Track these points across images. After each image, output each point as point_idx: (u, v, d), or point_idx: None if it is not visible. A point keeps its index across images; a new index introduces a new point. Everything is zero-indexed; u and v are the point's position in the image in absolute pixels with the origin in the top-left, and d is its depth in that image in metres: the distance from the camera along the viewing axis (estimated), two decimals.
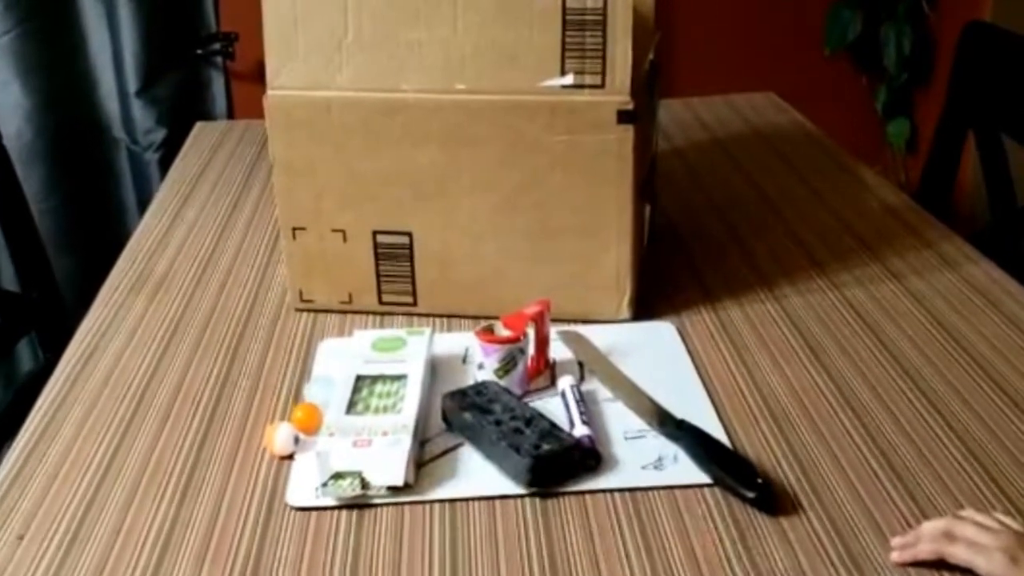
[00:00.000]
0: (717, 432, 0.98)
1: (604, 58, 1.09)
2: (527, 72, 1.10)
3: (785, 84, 2.10)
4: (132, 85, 2.21)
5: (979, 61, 1.65)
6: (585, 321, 1.18)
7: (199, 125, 1.92)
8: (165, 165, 2.06)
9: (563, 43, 1.09)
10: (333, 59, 1.13)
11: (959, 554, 0.81)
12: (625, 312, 1.19)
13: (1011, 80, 1.55)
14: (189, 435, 1.01)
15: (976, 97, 1.65)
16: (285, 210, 1.20)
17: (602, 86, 1.10)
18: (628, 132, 1.11)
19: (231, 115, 2.32)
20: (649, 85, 1.25)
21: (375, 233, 1.19)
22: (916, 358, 1.11)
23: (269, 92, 1.15)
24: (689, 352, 1.13)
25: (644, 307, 1.21)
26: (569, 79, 1.10)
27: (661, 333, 1.17)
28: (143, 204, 2.24)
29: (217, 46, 2.28)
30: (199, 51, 2.27)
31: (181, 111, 2.25)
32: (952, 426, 0.99)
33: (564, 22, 1.08)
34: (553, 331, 1.12)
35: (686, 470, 0.93)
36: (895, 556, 0.83)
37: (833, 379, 1.07)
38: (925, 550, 0.82)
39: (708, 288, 1.27)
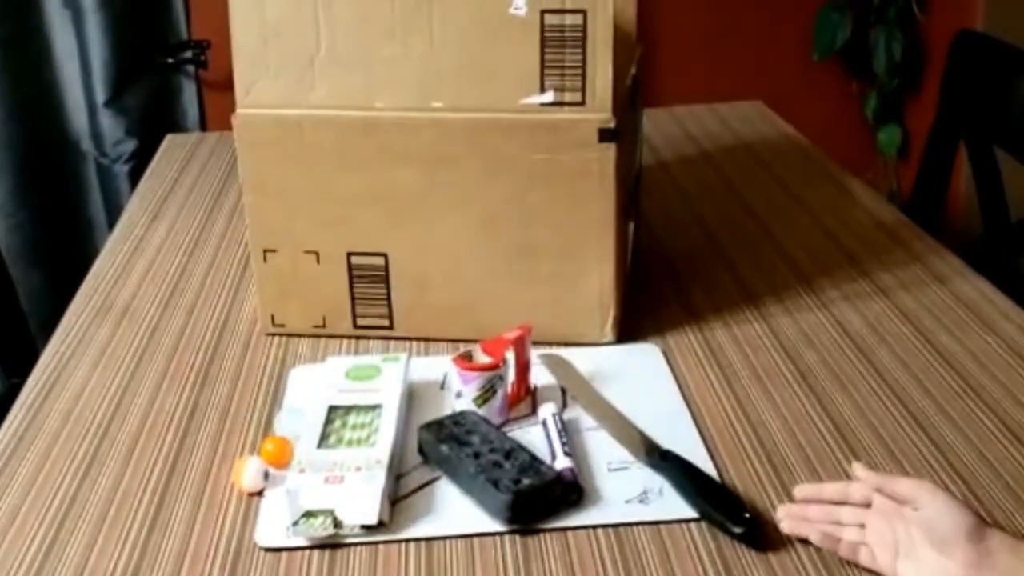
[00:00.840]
0: (704, 462, 0.97)
1: (584, 75, 1.08)
2: (506, 89, 1.09)
3: (772, 91, 2.09)
4: (100, 95, 2.19)
5: (970, 71, 1.64)
6: (567, 344, 1.17)
7: (169, 138, 1.90)
8: (135, 177, 2.04)
9: (542, 60, 1.08)
10: (305, 76, 1.12)
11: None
12: (609, 334, 1.18)
13: (1003, 91, 1.54)
14: (155, 471, 0.99)
15: (968, 107, 1.64)
16: (256, 231, 1.18)
17: (583, 103, 1.09)
18: (610, 150, 1.10)
19: (203, 126, 2.31)
20: (631, 101, 1.25)
21: (350, 255, 1.17)
22: (907, 381, 1.10)
23: (239, 110, 1.14)
24: (675, 376, 1.12)
25: (628, 328, 1.20)
26: (549, 96, 1.09)
27: (646, 356, 1.16)
28: (112, 218, 2.22)
29: (189, 54, 2.26)
30: (170, 59, 2.25)
31: (151, 122, 2.23)
32: (946, 455, 0.98)
33: (543, 38, 1.07)
34: (535, 354, 1.11)
35: (672, 504, 0.92)
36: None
37: (823, 404, 1.06)
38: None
39: (694, 307, 1.26)
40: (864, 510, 0.85)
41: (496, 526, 0.90)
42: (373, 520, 0.88)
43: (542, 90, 1.09)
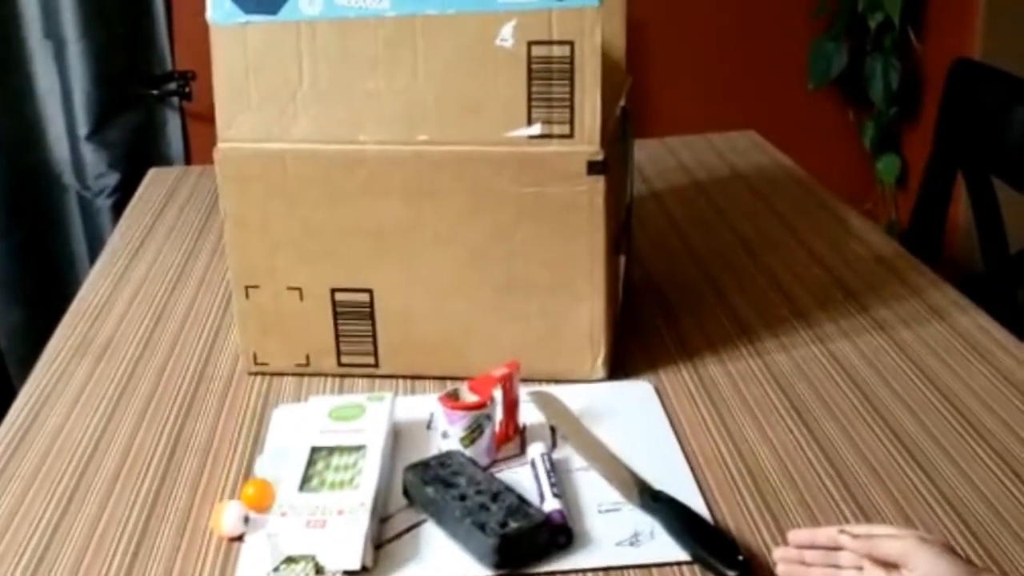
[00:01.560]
0: (697, 503, 0.97)
1: (572, 107, 1.08)
2: (492, 122, 1.10)
3: (768, 121, 2.11)
4: (83, 128, 2.20)
5: (968, 100, 1.66)
6: (557, 381, 1.17)
7: (152, 171, 1.90)
8: (118, 211, 2.05)
9: (529, 92, 1.08)
10: (287, 109, 1.12)
11: None
12: (599, 371, 1.17)
13: (1000, 120, 1.55)
14: (132, 515, 0.98)
15: (965, 137, 1.65)
16: (237, 267, 1.18)
17: (571, 136, 1.09)
18: (599, 183, 1.10)
19: (188, 158, 2.31)
20: (622, 132, 1.25)
21: (333, 291, 1.17)
22: (903, 416, 1.10)
23: (220, 144, 1.14)
24: (667, 413, 1.12)
25: (620, 365, 1.20)
26: (536, 129, 1.09)
27: (638, 393, 1.16)
28: (94, 252, 2.22)
29: (173, 86, 2.27)
30: (154, 91, 2.26)
31: (135, 155, 2.24)
32: (943, 491, 0.98)
33: (530, 70, 1.08)
34: (524, 392, 1.11)
35: (664, 546, 0.92)
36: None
37: (819, 442, 1.06)
38: None
39: (687, 343, 1.26)
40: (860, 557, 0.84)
41: (483, 571, 0.89)
42: (356, 565, 0.87)
43: (529, 122, 1.09)
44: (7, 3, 2.16)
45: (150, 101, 2.28)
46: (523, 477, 1.01)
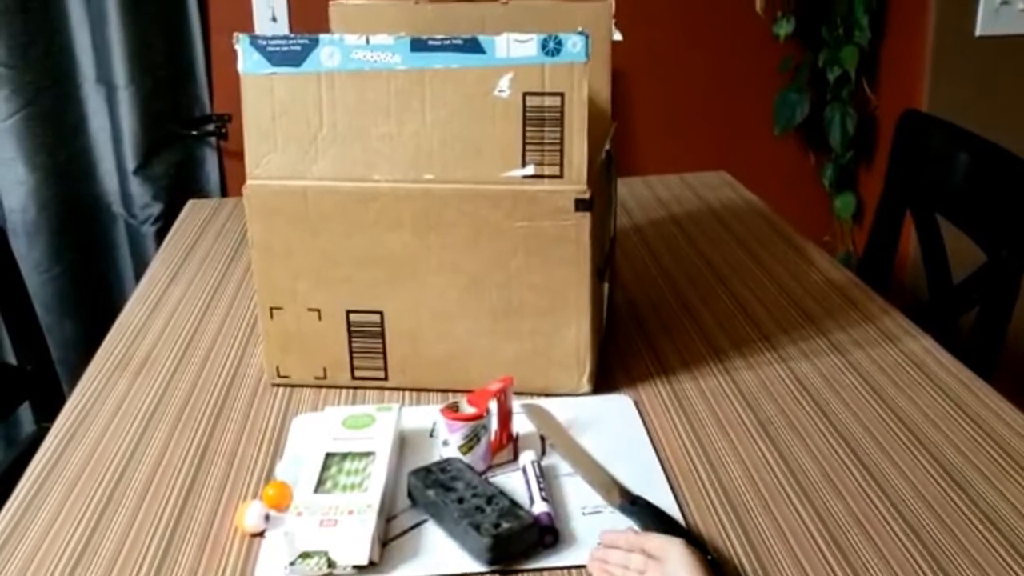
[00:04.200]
0: (670, 506, 0.96)
1: (562, 150, 1.08)
2: (491, 163, 1.09)
3: (737, 163, 2.10)
4: (130, 163, 2.19)
5: (915, 146, 1.65)
6: (547, 395, 1.16)
7: (191, 202, 1.90)
8: (160, 237, 2.04)
9: (524, 137, 1.08)
10: (309, 151, 1.12)
11: None
12: (585, 386, 1.16)
13: (944, 165, 1.55)
14: (165, 513, 0.97)
15: (913, 179, 1.65)
16: (263, 290, 1.18)
17: (561, 176, 1.09)
18: (585, 219, 1.10)
19: (224, 191, 2.30)
20: (606, 172, 1.25)
21: (348, 312, 1.16)
22: (857, 430, 1.09)
23: (249, 181, 1.13)
24: (645, 425, 1.11)
25: (603, 380, 1.19)
26: (530, 170, 1.09)
27: (619, 406, 1.15)
28: (139, 274, 2.21)
29: (211, 127, 2.26)
30: (194, 131, 2.26)
31: (176, 187, 2.23)
32: (890, 497, 0.97)
33: (524, 118, 1.07)
34: (516, 404, 1.10)
35: None
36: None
37: (780, 452, 1.05)
38: None
39: (664, 361, 1.25)
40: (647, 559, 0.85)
41: (478, 567, 0.88)
42: (364, 560, 0.86)
43: (523, 164, 1.09)
44: (66, 52, 2.16)
45: (190, 140, 2.27)
46: (515, 482, 1.00)
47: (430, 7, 1.31)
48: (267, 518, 0.93)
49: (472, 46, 1.06)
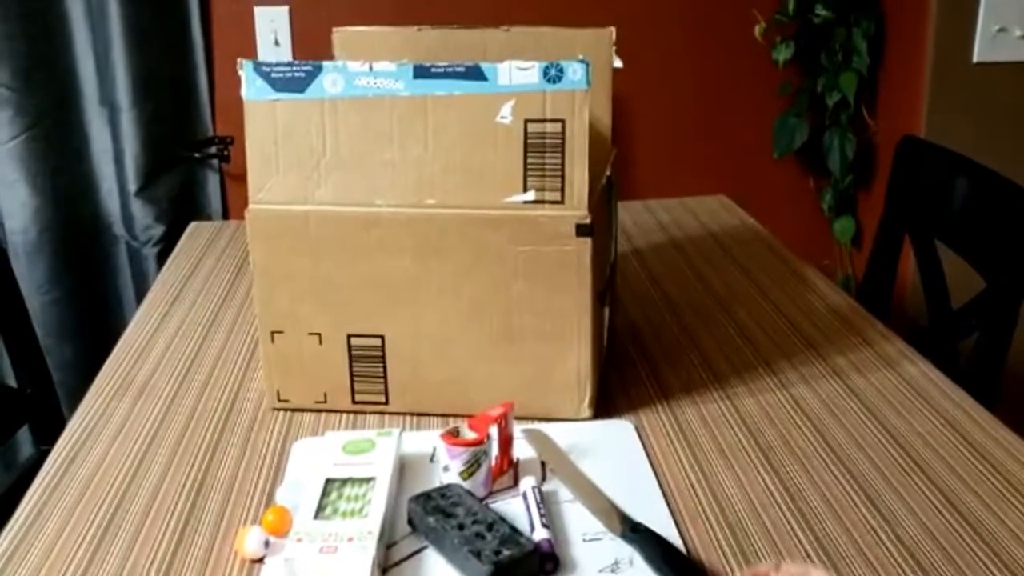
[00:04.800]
0: (671, 533, 0.95)
1: (563, 176, 1.08)
2: (492, 189, 1.09)
3: (737, 187, 2.11)
4: (132, 185, 2.20)
5: (913, 173, 1.66)
6: (548, 420, 1.15)
7: (193, 225, 1.90)
8: (162, 259, 2.04)
9: (525, 163, 1.08)
10: (312, 176, 1.12)
11: None
12: (586, 411, 1.16)
13: (942, 191, 1.55)
14: (165, 537, 0.97)
15: (911, 204, 1.65)
16: (264, 314, 1.18)
17: (562, 202, 1.09)
18: (586, 244, 1.10)
19: (226, 213, 2.31)
20: (607, 198, 1.25)
21: (349, 336, 1.16)
22: (857, 456, 1.08)
23: (251, 205, 1.13)
24: (646, 451, 1.10)
25: (604, 406, 1.19)
26: (531, 196, 1.09)
27: (620, 431, 1.15)
28: (140, 295, 2.21)
29: (213, 149, 2.27)
30: (196, 154, 2.26)
31: (178, 209, 2.23)
32: (891, 524, 0.96)
33: (526, 144, 1.07)
34: (517, 429, 1.10)
35: (642, 574, 0.90)
36: None
37: (781, 479, 1.05)
38: None
39: (664, 386, 1.25)
40: None
41: None
42: None
43: (525, 190, 1.09)
44: (69, 75, 2.17)
45: (193, 162, 2.28)
46: (515, 508, 0.99)
47: (432, 33, 1.31)
48: (267, 544, 0.93)
49: (474, 73, 1.07)
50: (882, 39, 2.31)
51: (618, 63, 1.26)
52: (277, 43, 2.24)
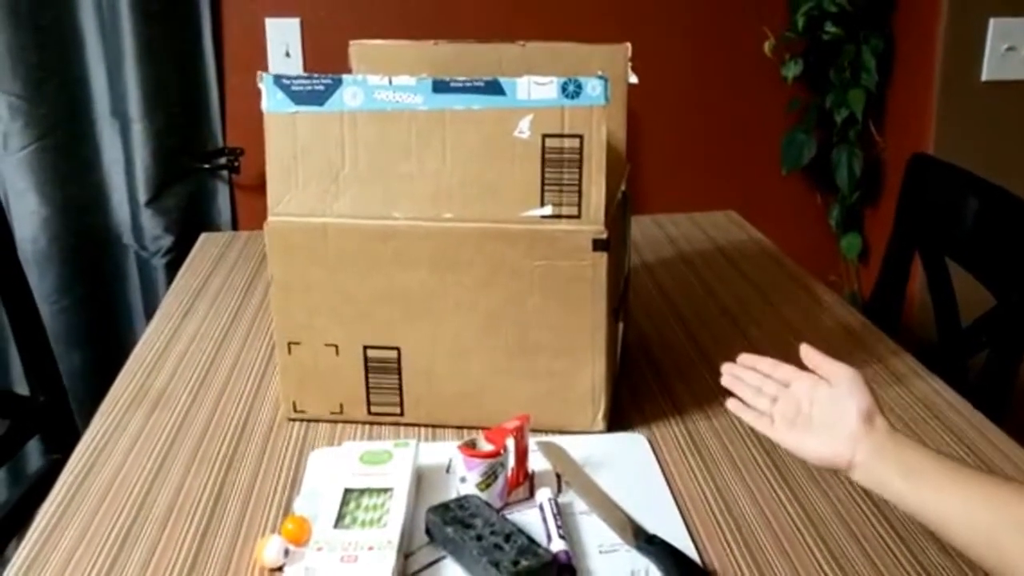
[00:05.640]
0: (686, 545, 0.97)
1: (580, 191, 1.10)
2: (509, 203, 1.11)
3: (746, 202, 2.12)
4: (143, 195, 2.21)
5: (923, 190, 1.67)
6: (563, 432, 1.17)
7: (204, 236, 1.91)
8: (171, 270, 2.06)
9: (543, 178, 1.10)
10: (330, 189, 1.13)
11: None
12: (600, 424, 1.18)
13: (952, 208, 1.57)
14: (183, 548, 0.98)
15: (921, 222, 1.67)
16: (281, 326, 1.19)
17: (578, 216, 1.10)
18: (602, 259, 1.11)
19: (235, 224, 2.32)
20: (622, 213, 1.26)
21: (366, 348, 1.18)
22: None
23: (270, 218, 1.15)
24: (660, 464, 1.12)
25: (618, 419, 1.20)
26: (548, 210, 1.11)
27: (634, 445, 1.16)
28: (149, 305, 2.23)
29: (223, 160, 2.28)
30: (206, 165, 2.28)
31: (188, 220, 2.25)
32: (904, 538, 0.98)
33: (544, 159, 1.09)
34: (533, 442, 1.11)
35: None
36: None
37: (794, 492, 1.06)
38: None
39: (677, 400, 1.26)
40: (781, 387, 0.97)
41: None
42: None
43: (542, 204, 1.11)
44: (81, 86, 2.19)
45: (203, 173, 2.29)
46: (532, 519, 1.01)
47: (448, 47, 1.33)
48: (287, 552, 0.94)
49: (493, 88, 1.09)
50: (891, 56, 2.33)
51: (633, 79, 1.28)
52: (288, 55, 2.26)
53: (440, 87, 1.10)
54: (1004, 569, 0.79)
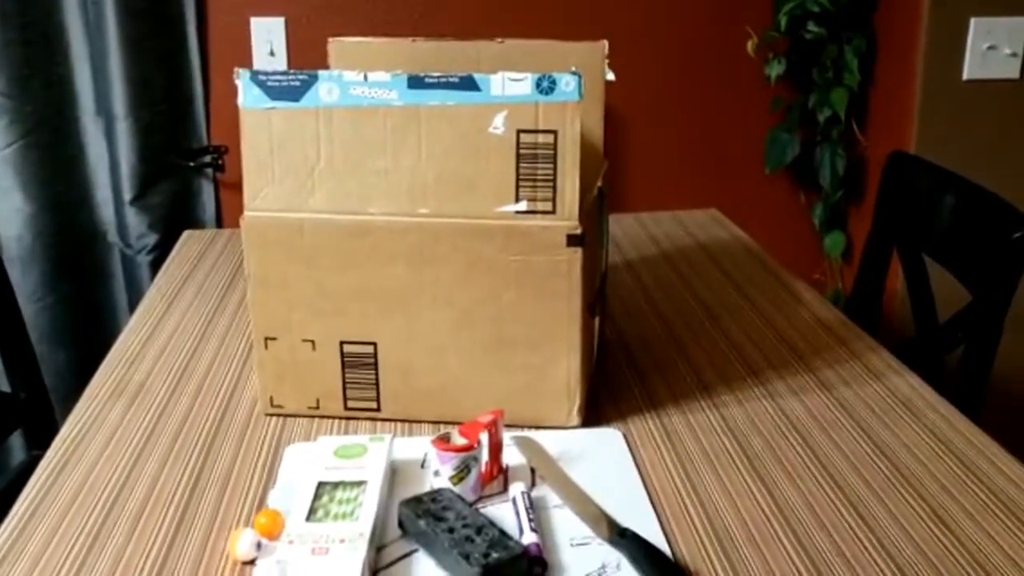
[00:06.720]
0: (658, 539, 0.97)
1: (555, 187, 1.10)
2: (485, 199, 1.11)
3: (728, 201, 2.13)
4: (127, 193, 2.21)
5: (902, 187, 1.68)
6: (537, 427, 1.17)
7: (187, 233, 1.91)
8: (156, 267, 2.06)
9: (517, 173, 1.10)
10: (306, 184, 1.14)
11: None
12: (575, 419, 1.18)
13: (930, 205, 1.58)
14: (158, 540, 0.98)
15: (900, 219, 1.68)
16: (258, 321, 1.19)
17: (553, 212, 1.11)
18: (577, 254, 1.12)
19: (220, 222, 2.33)
20: (598, 209, 1.27)
21: (342, 343, 1.18)
22: (843, 466, 1.10)
23: (246, 213, 1.15)
24: (634, 458, 1.12)
25: (593, 414, 1.20)
26: (523, 206, 1.11)
27: (609, 439, 1.16)
28: (133, 303, 2.23)
29: (208, 158, 2.29)
30: (190, 163, 2.28)
31: (172, 218, 2.25)
32: (876, 534, 0.98)
33: (518, 154, 1.09)
34: (507, 436, 1.11)
35: None
36: None
37: (768, 488, 1.07)
38: None
39: (653, 395, 1.26)
40: None
41: None
42: None
43: (517, 200, 1.11)
44: (66, 84, 2.19)
45: (187, 171, 2.29)
46: (505, 512, 1.01)
47: (427, 45, 1.34)
48: (259, 546, 0.94)
49: (468, 83, 1.09)
50: (873, 56, 2.34)
51: (610, 76, 1.28)
52: (272, 53, 2.26)
53: (415, 83, 1.10)
54: None
